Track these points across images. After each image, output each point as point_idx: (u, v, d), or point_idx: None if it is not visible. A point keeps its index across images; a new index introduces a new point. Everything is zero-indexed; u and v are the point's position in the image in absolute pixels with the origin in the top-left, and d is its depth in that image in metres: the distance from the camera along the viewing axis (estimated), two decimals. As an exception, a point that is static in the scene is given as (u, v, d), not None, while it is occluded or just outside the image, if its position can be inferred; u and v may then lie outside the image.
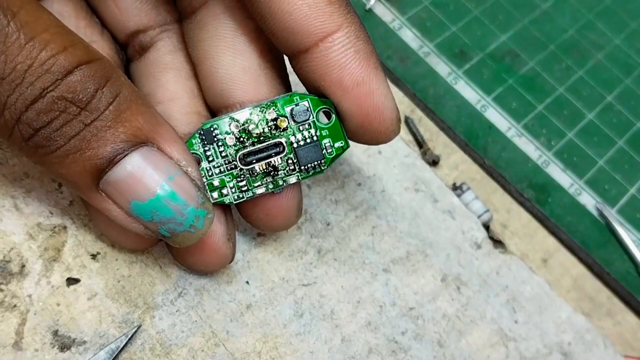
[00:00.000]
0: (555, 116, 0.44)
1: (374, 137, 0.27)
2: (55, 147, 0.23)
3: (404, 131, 0.41)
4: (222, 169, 0.28)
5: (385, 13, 0.44)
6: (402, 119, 0.41)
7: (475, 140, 0.41)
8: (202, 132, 0.27)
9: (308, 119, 0.27)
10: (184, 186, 0.25)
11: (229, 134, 0.27)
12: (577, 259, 0.40)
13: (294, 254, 0.33)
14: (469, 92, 0.43)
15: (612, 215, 0.40)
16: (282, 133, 0.27)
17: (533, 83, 0.44)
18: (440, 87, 0.43)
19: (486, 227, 0.38)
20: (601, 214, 0.40)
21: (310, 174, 0.28)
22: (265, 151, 0.28)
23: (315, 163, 0.28)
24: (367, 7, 0.44)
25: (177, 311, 0.30)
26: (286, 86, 0.29)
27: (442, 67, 0.43)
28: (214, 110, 0.29)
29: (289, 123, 0.27)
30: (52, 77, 0.22)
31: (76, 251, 0.30)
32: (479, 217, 0.38)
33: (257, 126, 0.27)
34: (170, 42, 0.30)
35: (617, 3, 0.50)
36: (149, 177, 0.24)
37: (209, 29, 0.28)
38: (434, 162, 0.40)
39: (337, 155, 0.28)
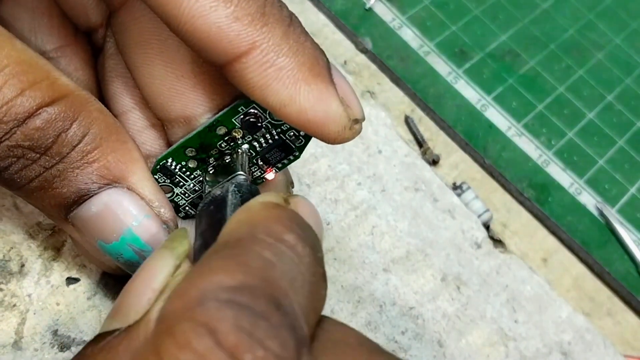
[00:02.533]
0: (556, 116, 0.44)
1: (325, 142, 0.24)
2: (17, 186, 0.23)
3: (403, 130, 0.41)
4: (197, 188, 0.27)
5: (385, 12, 0.44)
6: (402, 118, 0.41)
7: (476, 139, 0.41)
8: (159, 168, 0.26)
9: (262, 125, 0.25)
10: (151, 230, 0.23)
11: (188, 159, 0.26)
12: (577, 258, 0.40)
13: (293, 253, 0.33)
14: (469, 91, 0.43)
15: (612, 215, 0.40)
16: (241, 141, 0.25)
17: (533, 82, 0.44)
18: (440, 86, 0.43)
19: (486, 226, 0.38)
20: (601, 214, 0.40)
21: (286, 164, 0.26)
22: (232, 169, 0.25)
23: (287, 156, 0.26)
24: (367, 6, 0.44)
25: (176, 311, 0.30)
26: (231, 87, 0.25)
27: (442, 66, 0.43)
28: (162, 121, 0.27)
29: (243, 132, 0.25)
30: (5, 127, 0.21)
31: (76, 250, 0.30)
32: (479, 216, 0.38)
33: (211, 144, 0.25)
34: (113, 44, 0.28)
35: (618, 3, 0.50)
36: (114, 220, 0.23)
37: (133, 35, 0.25)
38: (434, 162, 0.40)
39: (308, 141, 0.26)
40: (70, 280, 0.29)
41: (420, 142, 0.40)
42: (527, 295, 0.36)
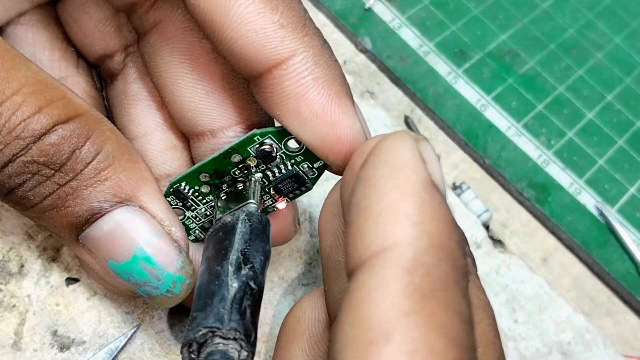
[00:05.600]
0: (555, 115, 0.43)
1: (341, 170, 0.24)
2: (30, 204, 0.23)
3: (403, 130, 0.41)
4: (208, 212, 0.27)
5: (384, 12, 0.44)
6: (402, 118, 0.41)
7: (475, 139, 0.41)
8: (172, 191, 0.26)
9: (276, 155, 0.25)
10: (163, 249, 0.24)
11: (201, 184, 0.26)
12: (577, 258, 0.40)
13: (293, 253, 0.33)
14: (468, 91, 0.43)
15: (612, 215, 0.40)
16: (254, 169, 0.25)
17: (533, 82, 0.44)
18: (440, 86, 0.42)
19: (486, 226, 0.38)
20: (601, 214, 0.40)
21: (298, 195, 0.27)
22: (244, 196, 0.26)
23: (300, 187, 0.26)
24: (367, 6, 0.44)
25: (177, 311, 0.30)
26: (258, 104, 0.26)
27: (441, 66, 0.43)
28: (187, 137, 0.28)
29: (257, 161, 0.25)
30: (22, 143, 0.22)
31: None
32: (478, 216, 0.38)
33: (226, 171, 0.25)
34: (136, 68, 0.28)
35: (617, 3, 0.50)
36: (126, 238, 0.23)
37: (164, 55, 0.26)
38: (433, 162, 0.40)
39: (320, 174, 0.26)
40: (70, 281, 0.29)
41: (419, 142, 0.40)
42: (527, 295, 0.36)
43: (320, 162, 0.25)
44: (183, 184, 0.26)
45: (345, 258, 0.19)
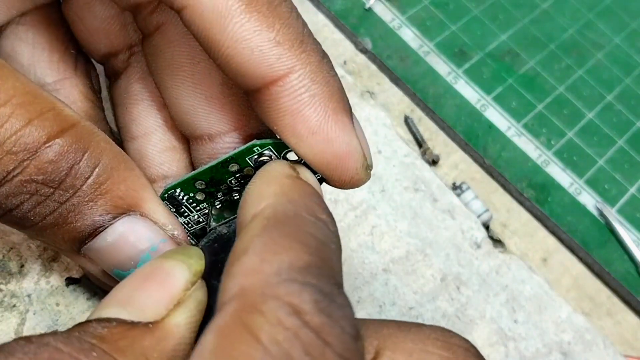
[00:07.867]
0: (555, 116, 0.43)
1: (337, 184, 0.24)
2: (30, 224, 0.22)
3: (403, 131, 0.41)
4: (200, 220, 0.27)
5: (385, 12, 0.44)
6: (402, 118, 0.41)
7: (475, 139, 0.41)
8: (166, 197, 0.26)
9: None
10: None
11: (196, 191, 0.26)
12: (577, 258, 0.40)
13: (293, 253, 0.33)
14: (468, 91, 0.43)
15: (612, 215, 0.40)
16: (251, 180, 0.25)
17: (533, 82, 0.44)
18: (440, 86, 0.43)
19: (486, 226, 0.38)
20: (601, 214, 0.40)
21: None
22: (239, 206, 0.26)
23: None
24: (367, 6, 0.44)
25: (176, 311, 0.30)
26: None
27: (441, 66, 0.43)
28: (187, 138, 0.28)
29: (255, 171, 0.25)
30: (16, 158, 0.21)
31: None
32: (478, 216, 0.38)
33: (222, 180, 0.25)
34: (140, 68, 0.28)
35: (617, 3, 0.50)
36: (131, 248, 0.23)
37: (166, 57, 0.26)
38: (433, 162, 0.40)
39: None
40: (70, 281, 0.29)
41: (419, 142, 0.40)
42: (527, 295, 0.36)
43: (318, 176, 0.25)
44: (178, 190, 0.26)
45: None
